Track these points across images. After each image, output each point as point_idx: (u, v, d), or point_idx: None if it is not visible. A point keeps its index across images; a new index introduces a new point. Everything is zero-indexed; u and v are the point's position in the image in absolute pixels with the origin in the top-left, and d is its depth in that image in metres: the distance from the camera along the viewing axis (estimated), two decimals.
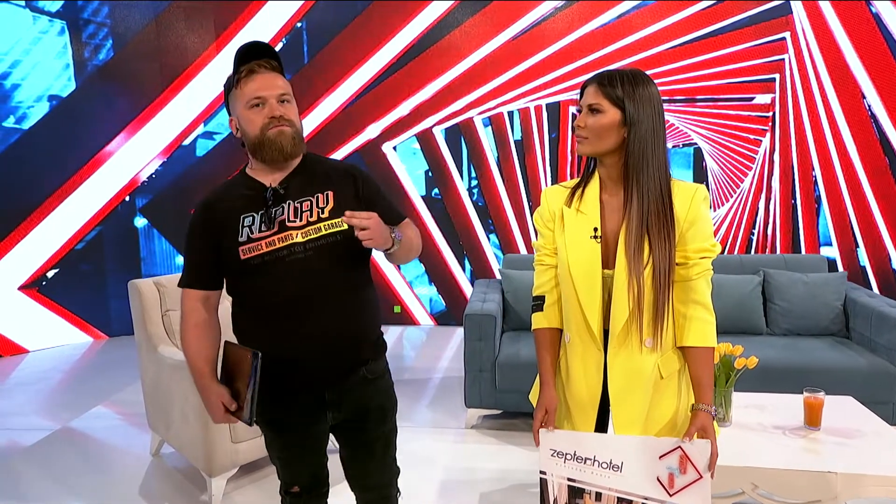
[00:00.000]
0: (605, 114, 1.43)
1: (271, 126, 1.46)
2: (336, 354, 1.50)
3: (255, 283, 1.46)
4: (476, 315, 3.07)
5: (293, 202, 1.49)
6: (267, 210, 1.46)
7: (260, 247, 1.45)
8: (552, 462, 1.47)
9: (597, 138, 1.44)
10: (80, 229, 5.16)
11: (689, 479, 1.38)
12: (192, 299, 1.54)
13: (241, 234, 1.46)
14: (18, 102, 4.74)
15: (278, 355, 1.46)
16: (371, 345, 1.58)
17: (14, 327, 4.87)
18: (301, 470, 1.65)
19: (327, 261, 1.47)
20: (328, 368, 1.50)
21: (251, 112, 1.47)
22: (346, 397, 1.55)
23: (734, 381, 2.16)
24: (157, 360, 2.72)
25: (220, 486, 2.53)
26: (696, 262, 1.46)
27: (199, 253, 1.53)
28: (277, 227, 1.45)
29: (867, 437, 2.07)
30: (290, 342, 1.47)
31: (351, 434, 1.63)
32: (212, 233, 1.49)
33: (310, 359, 1.48)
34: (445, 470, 2.78)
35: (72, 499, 2.62)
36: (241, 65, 1.47)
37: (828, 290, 3.21)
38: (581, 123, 1.45)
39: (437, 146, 5.38)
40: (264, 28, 5.21)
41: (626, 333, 1.43)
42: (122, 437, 3.28)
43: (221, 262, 1.49)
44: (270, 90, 1.47)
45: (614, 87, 1.43)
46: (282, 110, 1.47)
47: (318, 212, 1.48)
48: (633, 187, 1.43)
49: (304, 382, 1.51)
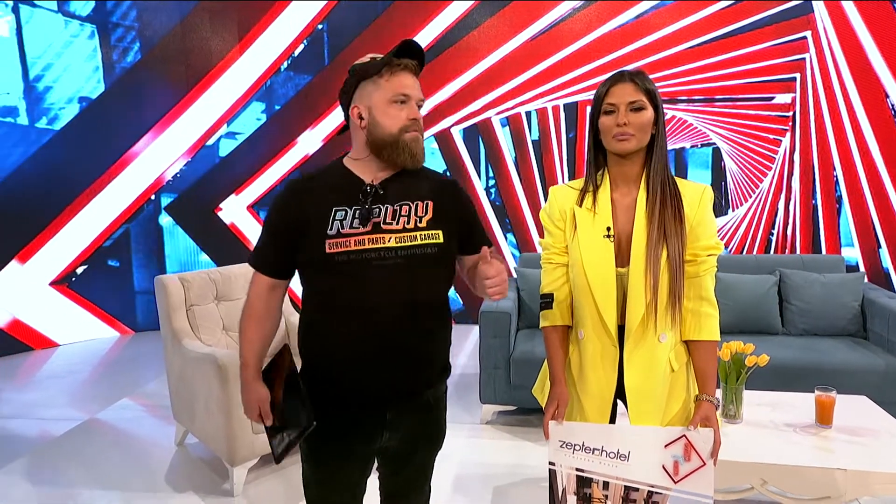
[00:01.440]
0: (647, 110, 1.46)
1: (411, 129, 1.39)
2: (407, 373, 1.41)
3: (336, 282, 1.36)
4: (491, 312, 3.12)
5: (391, 205, 1.39)
6: (363, 207, 1.36)
7: (349, 243, 1.35)
8: (561, 453, 1.52)
9: (642, 134, 1.47)
10: (108, 227, 5.30)
11: (694, 467, 1.42)
12: (259, 285, 1.46)
13: (332, 226, 1.35)
14: (51, 104, 4.90)
15: (347, 365, 1.38)
16: (441, 367, 1.51)
17: (45, 321, 5.03)
18: (336, 497, 1.50)
19: (417, 272, 1.37)
20: (396, 387, 1.41)
21: (393, 107, 1.38)
22: (406, 419, 1.45)
23: (745, 379, 2.18)
24: (181, 354, 2.81)
25: (242, 475, 2.61)
26: (705, 259, 1.49)
27: (279, 237, 1.41)
28: (371, 227, 1.35)
29: (879, 435, 2.08)
30: (362, 352, 1.37)
31: (399, 458, 1.53)
32: (298, 217, 1.38)
33: (380, 374, 1.38)
34: (460, 464, 2.83)
35: (100, 486, 2.72)
36: (397, 57, 1.38)
37: (845, 291, 3.20)
38: (625, 121, 1.44)
39: (455, 146, 5.43)
40: (286, 30, 5.31)
41: (642, 329, 1.47)
42: (148, 427, 3.39)
43: (301, 251, 1.38)
44: (417, 92, 1.41)
45: (648, 83, 1.47)
46: (418, 114, 1.42)
47: (416, 220, 1.39)
48: (654, 183, 1.47)
49: (368, 399, 1.41)
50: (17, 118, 4.74)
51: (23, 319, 4.93)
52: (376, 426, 1.43)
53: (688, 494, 1.43)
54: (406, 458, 1.53)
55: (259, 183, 5.54)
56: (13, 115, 4.72)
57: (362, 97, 1.41)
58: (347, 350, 1.37)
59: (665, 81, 5.11)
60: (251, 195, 5.57)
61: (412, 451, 1.52)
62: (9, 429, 3.39)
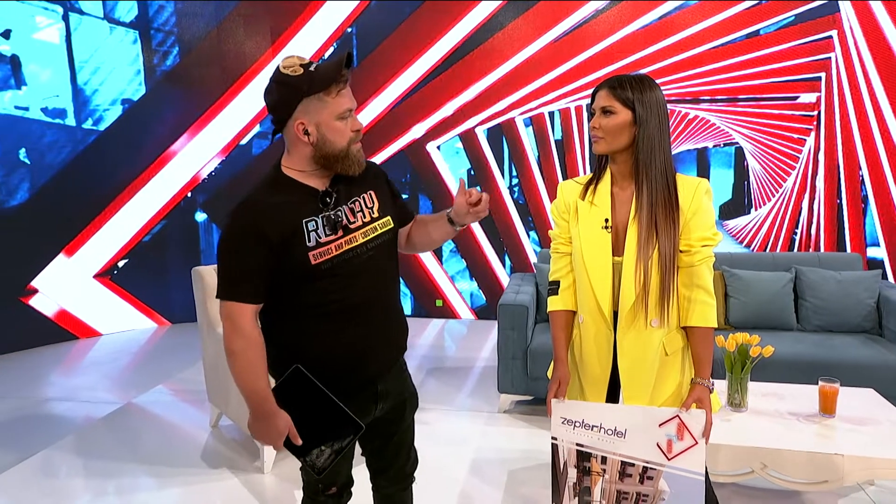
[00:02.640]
0: (618, 115, 1.58)
1: (356, 140, 1.47)
2: (392, 345, 1.59)
3: (324, 287, 1.43)
4: (509, 305, 3.24)
5: (345, 205, 1.48)
6: (328, 214, 1.45)
7: (330, 251, 1.42)
8: (563, 429, 1.63)
9: (611, 137, 1.59)
10: (148, 223, 5.57)
11: (686, 445, 1.52)
12: (246, 316, 1.39)
13: (309, 239, 1.41)
14: (96, 106, 5.17)
15: (346, 357, 1.48)
16: (407, 335, 1.66)
17: (89, 312, 5.31)
18: (343, 469, 1.63)
19: (385, 258, 1.53)
20: (385, 360, 1.57)
21: (341, 122, 1.42)
22: (392, 387, 1.60)
23: (749, 369, 2.26)
24: (216, 340, 3.00)
25: (271, 454, 2.78)
26: (699, 249, 1.58)
27: (253, 261, 1.39)
28: (342, 231, 1.45)
29: (880, 424, 2.14)
30: (358, 340, 1.48)
31: (390, 424, 1.65)
32: (266, 238, 1.38)
33: (373, 353, 1.52)
34: (477, 449, 2.96)
35: (140, 462, 2.93)
36: (339, 72, 1.40)
37: (860, 288, 3.24)
38: (596, 125, 1.60)
39: (479, 146, 5.55)
40: (317, 33, 5.50)
41: (633, 314, 1.58)
42: (184, 411, 3.59)
43: (282, 268, 1.41)
44: (354, 103, 1.46)
45: (624, 90, 1.58)
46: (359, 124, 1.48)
47: (369, 212, 1.51)
48: (643, 181, 1.58)
49: (365, 377, 1.52)
50: (65, 119, 5.02)
51: (69, 310, 5.21)
52: (370, 401, 1.55)
53: (680, 471, 1.54)
54: (396, 422, 1.66)
55: None
56: (62, 116, 5.00)
57: (307, 112, 1.40)
58: (345, 344, 1.47)
59: (688, 82, 5.15)
60: None
61: (400, 414, 1.66)
62: (57, 410, 3.64)
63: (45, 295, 5.05)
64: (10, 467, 2.88)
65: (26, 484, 2.73)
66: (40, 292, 5.03)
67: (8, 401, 3.76)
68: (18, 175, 4.82)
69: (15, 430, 3.30)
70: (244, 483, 2.70)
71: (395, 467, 1.73)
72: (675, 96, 5.18)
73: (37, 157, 4.90)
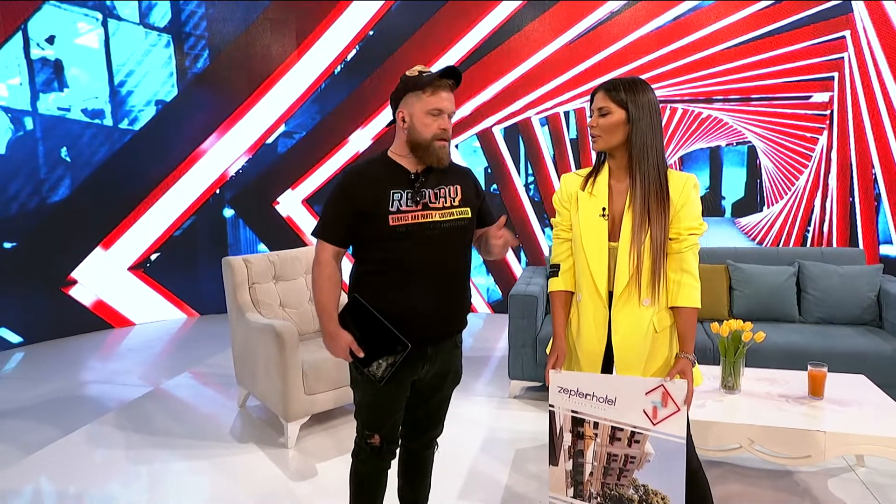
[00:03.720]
0: (613, 114, 1.74)
1: (440, 137, 1.75)
2: (446, 316, 1.83)
3: (399, 247, 1.73)
4: (520, 296, 3.40)
5: (431, 189, 1.79)
6: (415, 190, 1.76)
7: (407, 218, 1.74)
8: (559, 397, 1.80)
9: (607, 135, 1.76)
10: (178, 218, 5.84)
11: (669, 412, 1.68)
12: (327, 253, 1.80)
13: (392, 205, 1.73)
14: (131, 107, 5.45)
15: (409, 311, 1.75)
16: (466, 315, 1.92)
17: (124, 303, 5.60)
18: (387, 418, 1.87)
19: (455, 238, 1.80)
20: (437, 327, 1.82)
21: (428, 118, 1.74)
22: (440, 356, 1.86)
23: (742, 353, 2.40)
24: (245, 325, 3.21)
25: (295, 430, 2.99)
26: (686, 237, 1.74)
27: (342, 215, 1.77)
28: (421, 206, 1.76)
29: (865, 406, 2.26)
30: (414, 300, 1.75)
31: (430, 389, 1.91)
32: (357, 199, 1.74)
33: (428, 315, 1.78)
34: (489, 430, 3.14)
35: (173, 437, 3.15)
36: (441, 77, 1.75)
37: (862, 282, 3.33)
38: (594, 124, 1.77)
39: (496, 144, 5.72)
40: (340, 36, 5.72)
41: (627, 294, 1.74)
42: (214, 393, 3.82)
43: (364, 226, 1.74)
44: (449, 107, 1.77)
45: (618, 92, 1.74)
46: (449, 125, 1.78)
47: (451, 199, 1.80)
48: (637, 174, 1.74)
49: (416, 336, 1.76)
50: (103, 120, 5.30)
51: (105, 300, 5.50)
52: (419, 359, 1.82)
53: (664, 435, 1.69)
54: (435, 389, 1.92)
55: (313, 179, 5.98)
56: (100, 117, 5.28)
57: (407, 104, 1.77)
58: (403, 300, 1.76)
59: (702, 82, 5.26)
60: (306, 190, 6.01)
61: (440, 384, 1.92)
62: (96, 391, 3.89)
63: (84, 286, 5.34)
64: (54, 441, 3.12)
65: (70, 455, 2.97)
66: (79, 283, 5.32)
67: (51, 383, 4.03)
68: (60, 172, 5.11)
69: (58, 409, 3.56)
70: (270, 456, 2.90)
71: (428, 430, 2.00)
72: (688, 96, 5.29)
73: (76, 156, 5.19)
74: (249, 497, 2.54)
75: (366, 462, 1.92)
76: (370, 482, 1.95)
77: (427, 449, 2.05)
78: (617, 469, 1.75)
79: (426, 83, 1.75)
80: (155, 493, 2.59)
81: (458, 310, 1.87)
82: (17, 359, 4.64)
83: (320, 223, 1.82)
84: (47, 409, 3.54)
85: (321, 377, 3.00)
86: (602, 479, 1.76)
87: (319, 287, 1.82)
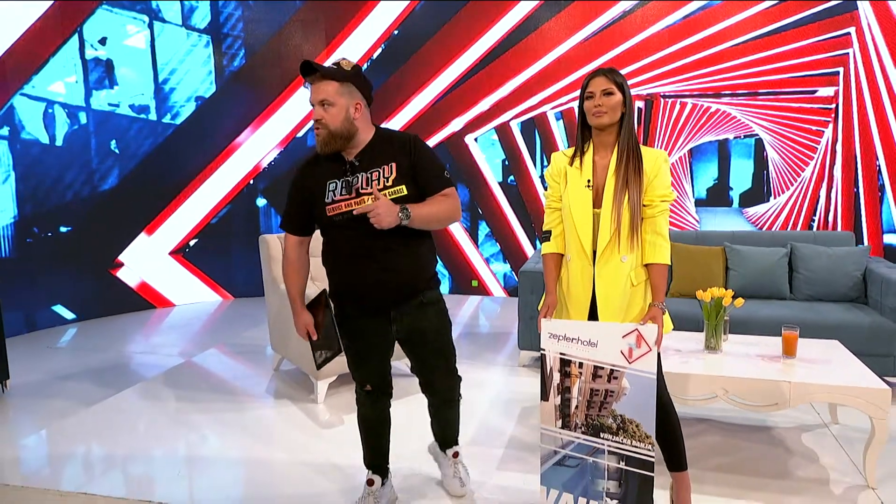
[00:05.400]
0: (615, 95, 2.03)
1: (314, 129, 1.98)
2: (394, 286, 2.03)
3: (338, 234, 1.98)
4: (529, 272, 3.71)
5: (365, 173, 1.97)
6: (346, 179, 1.97)
7: (340, 207, 1.95)
8: (550, 342, 2.10)
9: (612, 112, 2.05)
10: (215, 206, 6.26)
11: (643, 352, 1.97)
12: (290, 242, 2.11)
13: (328, 196, 1.97)
14: (174, 102, 5.89)
15: (355, 286, 2.01)
16: (424, 280, 2.10)
17: (166, 285, 6.04)
18: (371, 370, 2.17)
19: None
20: (389, 295, 2.04)
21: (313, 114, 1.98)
22: (406, 316, 2.08)
23: (723, 317, 2.67)
24: (279, 294, 3.58)
25: (324, 387, 3.34)
26: (658, 204, 2.04)
27: (296, 206, 2.06)
28: (354, 193, 1.95)
29: (831, 364, 2.52)
30: (361, 277, 1.99)
31: (413, 343, 2.15)
32: (305, 192, 2.01)
33: (376, 288, 2.02)
34: (497, 392, 3.45)
35: (215, 394, 3.53)
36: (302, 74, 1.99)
37: (849, 262, 3.56)
38: (600, 102, 2.03)
39: (513, 138, 6.02)
40: (367, 36, 6.08)
41: (609, 252, 2.04)
42: (250, 360, 4.20)
43: (314, 216, 2.00)
44: (314, 97, 1.95)
45: (616, 77, 2.05)
46: (320, 114, 1.93)
47: (384, 180, 1.97)
48: (623, 148, 2.04)
49: (374, 304, 2.04)
50: (148, 115, 5.74)
51: (149, 282, 5.94)
52: (384, 322, 2.08)
53: (638, 371, 1.98)
54: (419, 343, 2.16)
55: None
56: (146, 112, 5.72)
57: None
58: (353, 278, 2.02)
59: (710, 77, 5.49)
60: None
61: (421, 338, 2.14)
62: (144, 360, 4.31)
63: (129, 268, 5.79)
64: (108, 398, 3.52)
65: (123, 408, 3.37)
66: (125, 266, 5.76)
67: (103, 353, 4.45)
68: (109, 163, 5.56)
69: (110, 374, 3.97)
70: (301, 410, 3.26)
71: (435, 382, 2.24)
72: (697, 91, 5.53)
73: (124, 148, 5.63)
74: (285, 443, 2.89)
75: (363, 405, 2.23)
76: (370, 422, 2.25)
77: (450, 408, 2.31)
78: (598, 402, 2.05)
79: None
80: (199, 440, 2.96)
81: (407, 279, 2.05)
82: (71, 333, 5.09)
83: (282, 213, 2.12)
84: (100, 374, 3.95)
85: None
86: (586, 410, 2.07)
87: (283, 273, 2.15)
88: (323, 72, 1.96)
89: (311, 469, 2.61)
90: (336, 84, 1.96)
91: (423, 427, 2.51)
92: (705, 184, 5.70)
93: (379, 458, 2.29)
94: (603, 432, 2.04)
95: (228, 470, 2.64)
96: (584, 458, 2.07)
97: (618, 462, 2.03)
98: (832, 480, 2.41)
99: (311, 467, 2.62)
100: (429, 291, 2.14)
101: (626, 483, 2.03)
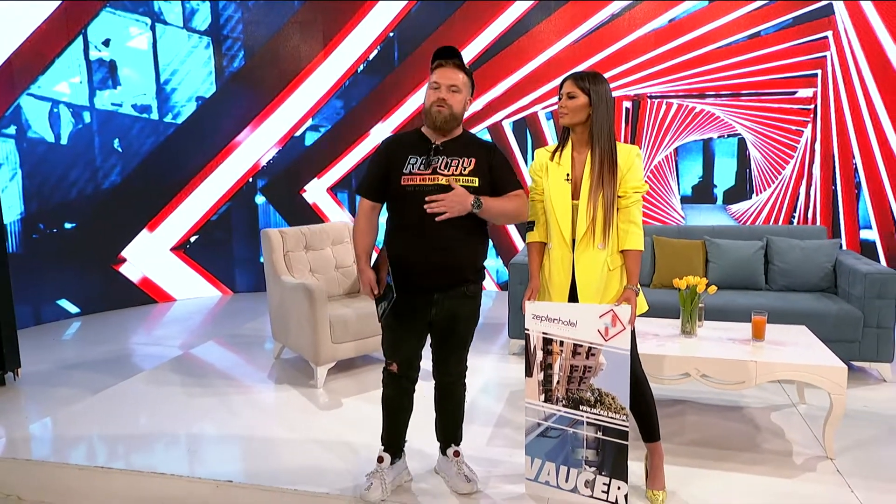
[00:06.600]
0: (578, 98, 2.23)
1: (436, 105, 2.16)
2: (445, 267, 2.18)
3: (406, 205, 2.14)
4: (518, 264, 3.90)
5: (446, 158, 2.18)
6: (427, 157, 2.18)
7: (415, 179, 2.15)
8: (533, 322, 2.29)
9: (573, 114, 2.25)
10: (215, 204, 6.42)
11: (617, 331, 2.16)
12: (363, 206, 2.29)
13: (406, 167, 2.17)
14: (175, 102, 6.05)
15: (410, 259, 2.16)
16: (473, 271, 2.28)
17: (167, 280, 6.20)
18: (403, 349, 2.28)
19: None
20: (439, 277, 2.19)
21: (429, 91, 2.19)
22: (447, 302, 2.22)
23: (697, 303, 2.86)
24: (280, 286, 3.75)
25: (323, 373, 3.52)
26: (632, 195, 2.23)
27: (375, 173, 2.24)
28: (432, 171, 2.16)
29: (797, 347, 2.71)
30: (418, 251, 2.14)
31: (444, 329, 2.29)
32: (385, 163, 2.21)
33: (429, 266, 2.16)
34: (488, 377, 3.65)
35: (218, 380, 3.70)
36: (436, 59, 2.20)
37: (821, 254, 3.77)
38: (563, 104, 2.26)
39: (505, 137, 6.21)
40: (363, 38, 6.25)
41: (586, 240, 2.22)
42: (252, 350, 4.37)
43: (388, 185, 2.18)
44: (445, 80, 2.17)
45: (583, 81, 2.24)
46: (446, 95, 2.16)
47: (462, 168, 2.18)
48: (595, 146, 2.23)
49: (422, 281, 2.17)
50: (150, 114, 5.90)
51: (150, 278, 6.10)
52: (427, 303, 2.23)
53: (613, 349, 2.17)
54: (449, 329, 2.30)
55: (337, 168, 6.53)
56: (147, 111, 5.88)
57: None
58: (410, 252, 2.17)
59: (695, 79, 5.69)
60: (331, 179, 6.56)
61: (453, 326, 2.29)
62: (147, 350, 4.47)
63: (132, 264, 5.95)
64: (113, 385, 3.69)
65: (128, 394, 3.53)
66: (128, 261, 5.92)
67: (107, 345, 4.61)
68: (112, 161, 5.71)
69: (114, 364, 4.13)
70: (302, 394, 3.44)
71: (448, 365, 2.38)
72: (683, 92, 5.73)
73: (127, 146, 5.79)
74: (286, 422, 3.07)
75: (388, 385, 2.36)
76: (392, 403, 2.37)
77: (453, 385, 2.41)
78: (578, 377, 2.24)
79: (432, 67, 2.22)
80: (202, 422, 3.13)
81: (458, 264, 2.21)
82: (76, 326, 5.25)
83: (360, 181, 2.31)
84: (105, 364, 4.11)
85: (345, 329, 3.52)
86: (566, 385, 2.25)
87: (354, 234, 2.34)
88: (459, 62, 2.22)
89: (313, 444, 2.79)
90: (464, 76, 2.22)
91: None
92: (690, 181, 5.90)
93: (392, 438, 2.40)
94: (582, 405, 2.23)
95: (235, 445, 2.82)
96: (565, 429, 2.26)
97: (595, 432, 2.22)
98: (795, 452, 2.61)
99: (314, 443, 2.80)
100: (473, 285, 2.30)
101: (602, 451, 2.22)
